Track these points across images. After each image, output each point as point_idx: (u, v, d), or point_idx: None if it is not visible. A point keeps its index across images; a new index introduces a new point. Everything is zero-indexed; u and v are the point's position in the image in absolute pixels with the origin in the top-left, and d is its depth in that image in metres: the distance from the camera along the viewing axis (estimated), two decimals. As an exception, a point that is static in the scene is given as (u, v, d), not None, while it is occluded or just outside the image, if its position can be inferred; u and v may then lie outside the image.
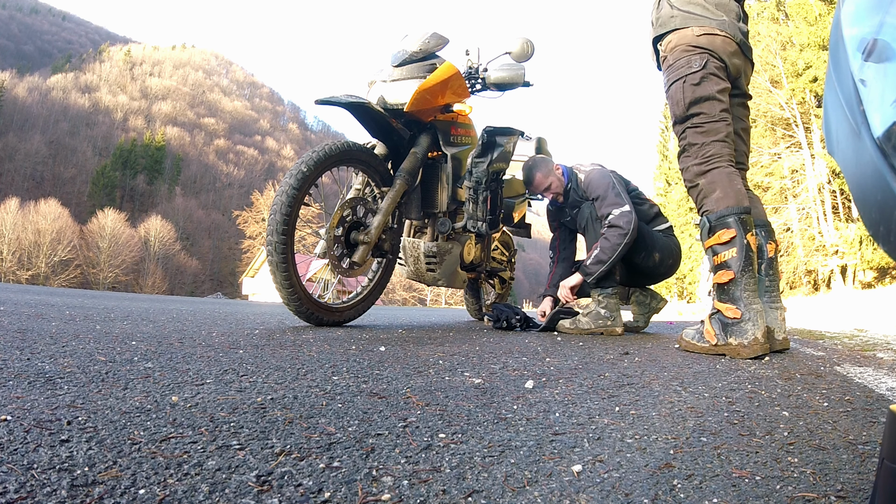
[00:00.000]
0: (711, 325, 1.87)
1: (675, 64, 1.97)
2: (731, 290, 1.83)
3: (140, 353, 1.24)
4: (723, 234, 1.84)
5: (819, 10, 17.78)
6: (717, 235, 1.85)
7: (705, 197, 1.90)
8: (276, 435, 0.68)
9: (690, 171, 1.96)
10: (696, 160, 1.94)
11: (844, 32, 0.62)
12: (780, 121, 20.21)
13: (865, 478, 0.64)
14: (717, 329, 1.85)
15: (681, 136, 2.01)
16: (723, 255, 1.84)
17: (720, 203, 1.87)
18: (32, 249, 42.83)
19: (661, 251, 2.72)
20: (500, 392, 1.04)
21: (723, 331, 1.83)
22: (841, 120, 0.60)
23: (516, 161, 3.40)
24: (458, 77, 2.47)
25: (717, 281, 1.87)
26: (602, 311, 2.59)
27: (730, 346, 1.81)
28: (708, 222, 1.88)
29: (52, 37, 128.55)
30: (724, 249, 1.84)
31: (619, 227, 2.49)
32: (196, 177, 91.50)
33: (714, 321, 1.87)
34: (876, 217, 0.50)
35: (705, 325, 1.90)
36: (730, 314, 1.82)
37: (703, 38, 1.93)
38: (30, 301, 3.04)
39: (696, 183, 1.94)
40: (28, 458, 0.54)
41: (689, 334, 1.98)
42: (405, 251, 2.75)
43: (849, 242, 16.91)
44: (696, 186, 1.94)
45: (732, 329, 1.81)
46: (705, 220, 1.90)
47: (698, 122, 1.94)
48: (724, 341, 1.82)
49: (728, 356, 1.81)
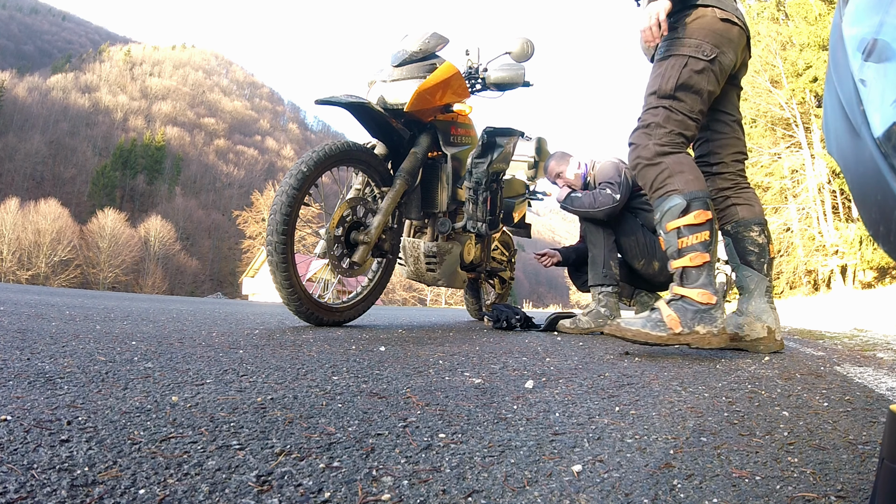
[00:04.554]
0: (674, 311, 1.69)
1: (686, 40, 1.83)
2: (703, 273, 1.70)
3: (140, 353, 1.24)
4: (699, 215, 1.70)
5: (819, 10, 17.77)
6: (693, 216, 1.71)
7: (670, 176, 1.75)
8: (276, 435, 0.68)
9: (649, 150, 1.79)
10: (657, 140, 1.79)
11: (844, 32, 0.62)
12: (780, 121, 20.20)
13: (865, 478, 0.64)
14: (682, 316, 1.68)
15: (650, 109, 1.84)
16: (693, 238, 1.70)
17: (691, 185, 1.73)
18: (32, 249, 42.81)
19: (661, 260, 2.71)
20: (500, 392, 1.04)
21: (691, 318, 1.67)
22: (841, 120, 0.60)
23: (516, 161, 3.40)
24: (458, 77, 2.47)
25: (685, 265, 1.71)
26: (602, 310, 2.59)
27: (696, 335, 1.66)
28: (685, 200, 1.72)
29: (52, 37, 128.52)
30: (694, 232, 1.70)
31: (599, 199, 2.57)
32: (196, 177, 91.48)
33: (678, 307, 1.70)
34: (876, 217, 0.50)
35: (663, 311, 1.70)
36: (703, 299, 1.67)
37: (723, 26, 1.83)
38: (30, 301, 3.04)
39: (656, 161, 1.78)
40: (28, 458, 0.54)
41: (636, 323, 1.74)
42: (405, 251, 2.75)
43: (849, 242, 16.90)
44: (658, 164, 1.77)
45: (703, 316, 1.67)
46: (679, 198, 1.73)
47: (677, 108, 1.80)
48: (690, 329, 1.66)
49: (692, 345, 1.68)
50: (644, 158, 1.81)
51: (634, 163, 1.85)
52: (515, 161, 3.38)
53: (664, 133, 1.80)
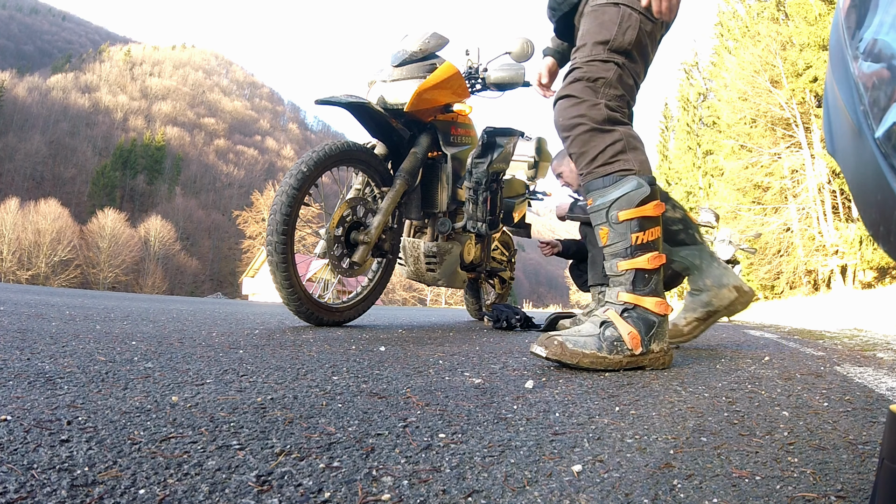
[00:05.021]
0: (633, 326, 1.37)
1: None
2: (656, 278, 1.41)
3: (140, 353, 1.24)
4: (658, 206, 1.42)
5: (819, 10, 17.79)
6: (653, 206, 1.41)
7: (624, 151, 1.42)
8: (276, 435, 0.68)
9: (600, 111, 1.43)
10: (609, 102, 1.45)
11: (844, 32, 0.62)
12: (780, 121, 20.21)
13: (865, 478, 0.64)
14: (640, 332, 1.37)
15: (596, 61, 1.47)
16: (650, 234, 1.41)
17: (646, 167, 1.45)
18: (32, 249, 42.83)
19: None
20: (500, 392, 1.04)
21: (648, 335, 1.38)
22: (841, 120, 0.60)
23: (516, 161, 3.41)
24: (458, 77, 2.48)
25: (640, 266, 1.39)
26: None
27: (652, 355, 1.38)
28: (647, 185, 1.41)
29: (52, 37, 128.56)
30: (652, 226, 1.41)
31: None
32: (196, 177, 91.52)
33: (635, 321, 1.38)
34: (876, 217, 0.50)
35: (621, 328, 1.36)
36: (659, 310, 1.39)
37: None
38: (30, 301, 3.04)
39: (608, 128, 1.44)
40: (28, 458, 0.54)
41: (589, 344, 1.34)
42: (405, 251, 2.75)
43: (849, 242, 16.91)
44: (610, 133, 1.43)
45: (658, 331, 1.39)
46: (638, 181, 1.40)
47: (629, 67, 1.48)
48: (647, 349, 1.37)
49: (646, 368, 1.39)
50: (592, 120, 1.43)
51: (575, 122, 1.45)
52: (515, 161, 3.39)
53: (616, 95, 1.46)
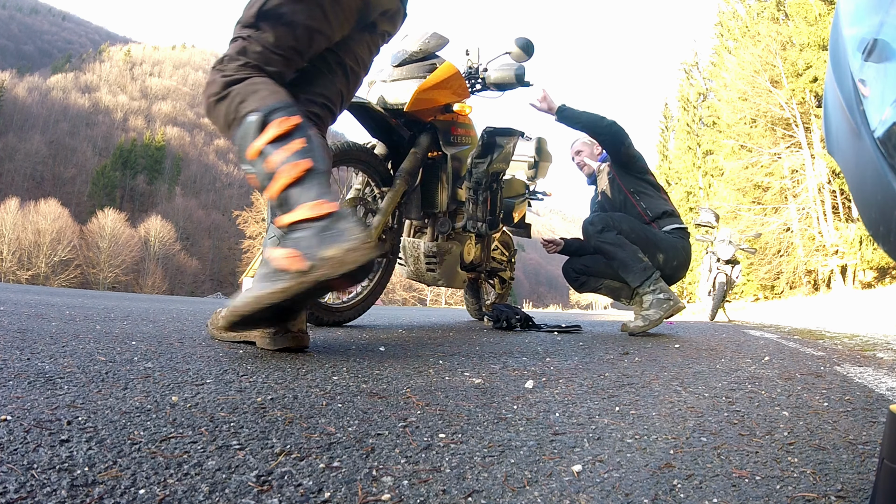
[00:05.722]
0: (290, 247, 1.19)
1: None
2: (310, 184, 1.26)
3: (140, 353, 1.24)
4: (282, 123, 1.29)
5: (819, 10, 17.77)
6: (277, 125, 1.29)
7: (243, 101, 1.36)
8: (276, 435, 0.68)
9: (216, 84, 1.41)
10: (227, 74, 1.42)
11: (844, 32, 0.62)
12: (780, 121, 20.20)
13: (865, 478, 0.64)
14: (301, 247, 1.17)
15: (231, 42, 1.47)
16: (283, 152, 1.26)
17: (269, 99, 1.35)
18: (32, 249, 42.83)
19: (665, 251, 2.68)
20: (500, 392, 1.04)
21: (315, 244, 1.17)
22: (841, 120, 0.60)
23: (516, 161, 3.41)
24: (458, 77, 2.47)
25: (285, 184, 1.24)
26: (660, 297, 2.57)
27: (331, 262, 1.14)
28: (261, 114, 1.30)
29: (52, 37, 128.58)
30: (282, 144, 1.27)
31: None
32: (196, 177, 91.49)
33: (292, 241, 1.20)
34: (876, 217, 0.50)
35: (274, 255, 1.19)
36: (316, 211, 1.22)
37: None
38: (30, 301, 3.04)
39: (225, 93, 1.39)
40: (28, 458, 0.54)
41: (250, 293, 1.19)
42: (405, 251, 2.75)
43: (849, 242, 16.90)
44: (228, 95, 1.39)
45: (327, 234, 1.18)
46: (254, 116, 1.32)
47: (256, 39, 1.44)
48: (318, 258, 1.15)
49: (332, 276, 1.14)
50: (213, 95, 1.42)
51: (206, 106, 1.45)
52: (515, 161, 3.39)
53: (237, 66, 1.44)
